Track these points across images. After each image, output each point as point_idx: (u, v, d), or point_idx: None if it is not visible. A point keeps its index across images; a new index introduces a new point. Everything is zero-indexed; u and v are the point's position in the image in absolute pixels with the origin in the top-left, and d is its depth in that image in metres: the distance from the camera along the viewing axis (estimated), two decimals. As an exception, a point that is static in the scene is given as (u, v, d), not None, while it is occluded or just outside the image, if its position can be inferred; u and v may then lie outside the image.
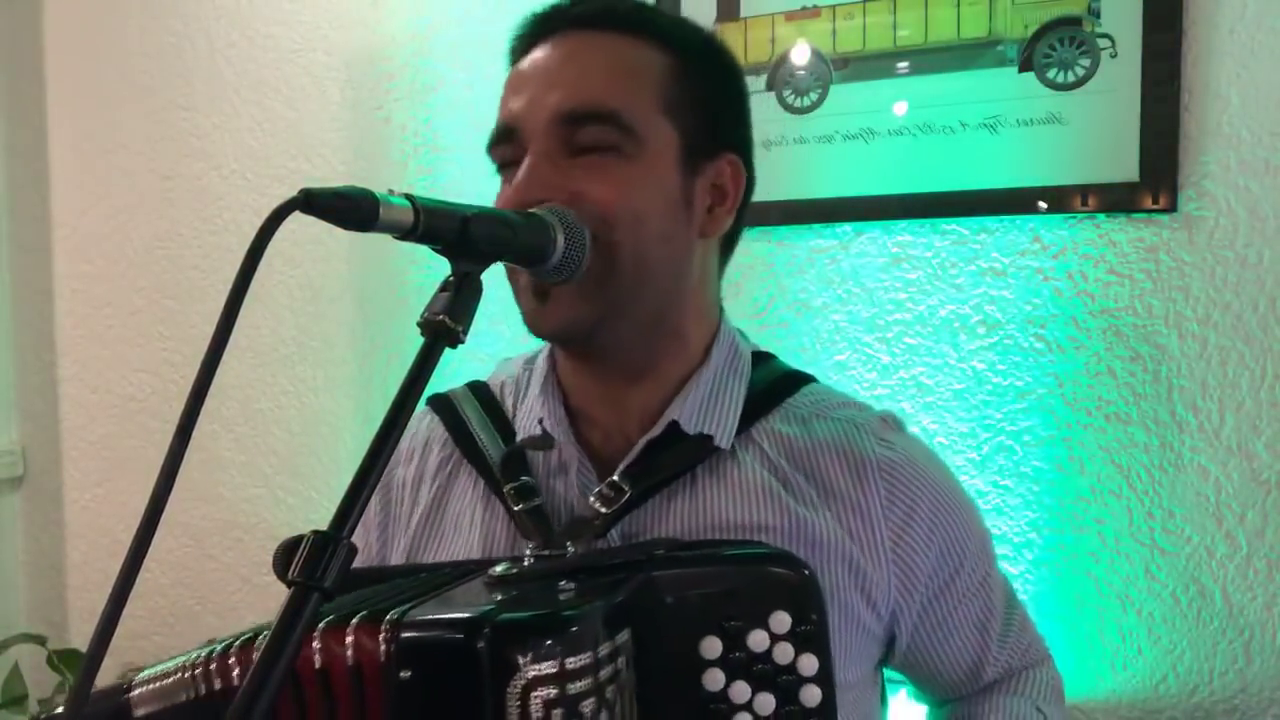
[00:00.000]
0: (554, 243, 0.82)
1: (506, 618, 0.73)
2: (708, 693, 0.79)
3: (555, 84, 0.90)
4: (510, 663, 0.70)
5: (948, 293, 1.61)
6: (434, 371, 0.69)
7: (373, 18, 2.03)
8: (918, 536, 0.94)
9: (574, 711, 0.71)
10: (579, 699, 0.71)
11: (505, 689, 0.70)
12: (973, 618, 1.01)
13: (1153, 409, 1.50)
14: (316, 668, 0.75)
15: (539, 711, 0.70)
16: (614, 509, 0.90)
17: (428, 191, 0.81)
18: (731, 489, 0.92)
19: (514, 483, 0.93)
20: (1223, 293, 1.46)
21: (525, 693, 0.70)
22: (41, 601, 2.40)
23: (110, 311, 2.31)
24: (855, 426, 0.96)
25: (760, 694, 0.80)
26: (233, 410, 2.17)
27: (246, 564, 2.19)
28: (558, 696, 0.70)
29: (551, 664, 0.70)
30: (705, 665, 0.79)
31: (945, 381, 1.61)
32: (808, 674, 0.80)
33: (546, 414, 0.96)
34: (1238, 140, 1.44)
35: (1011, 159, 1.54)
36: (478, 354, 1.91)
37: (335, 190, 0.65)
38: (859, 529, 0.93)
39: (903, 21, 1.61)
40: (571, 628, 0.73)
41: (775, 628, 0.80)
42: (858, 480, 0.94)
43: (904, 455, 0.96)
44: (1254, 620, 1.46)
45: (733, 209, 0.97)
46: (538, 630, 0.72)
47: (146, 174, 2.26)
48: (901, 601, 0.95)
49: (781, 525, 0.91)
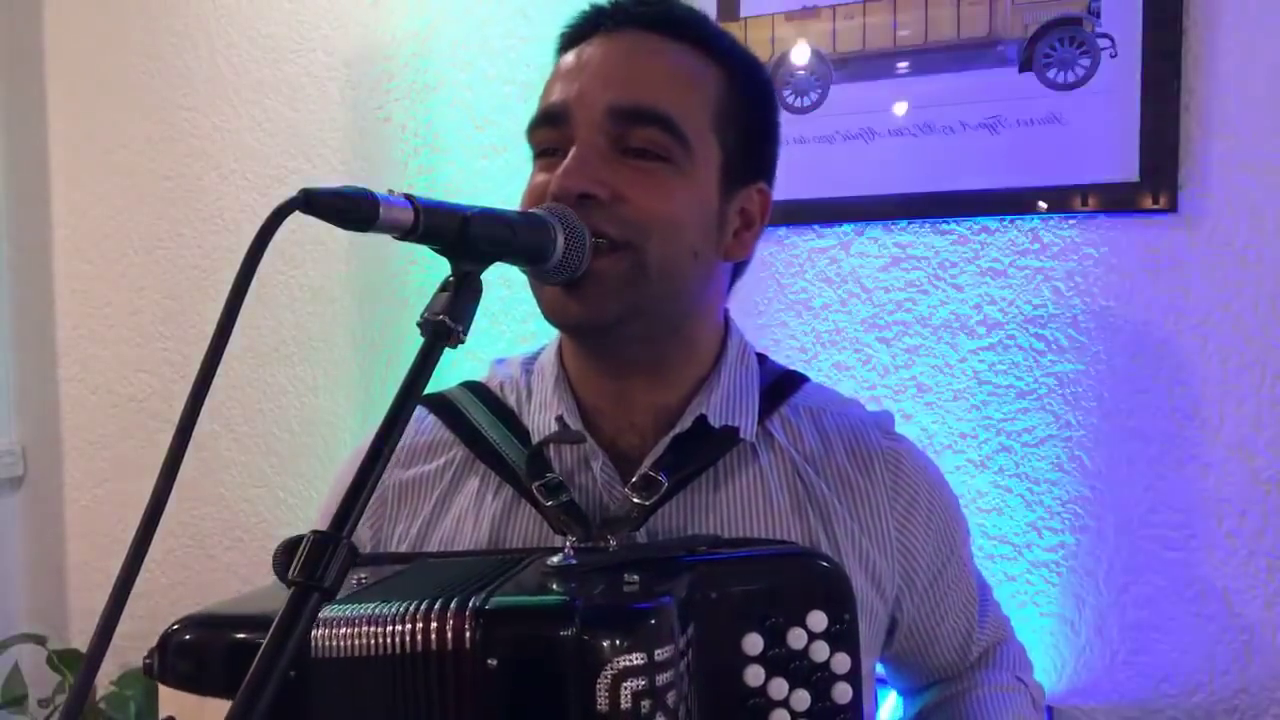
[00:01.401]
0: (554, 243, 0.82)
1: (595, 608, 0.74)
2: (747, 688, 0.81)
3: (614, 77, 0.90)
4: (601, 653, 0.71)
5: (948, 293, 1.61)
6: (434, 371, 0.69)
7: (373, 18, 2.03)
8: (918, 525, 0.99)
9: (661, 702, 0.72)
10: (665, 690, 0.72)
11: (595, 679, 0.70)
12: (961, 600, 1.06)
13: (1153, 409, 1.50)
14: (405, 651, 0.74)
15: (628, 702, 0.70)
16: (651, 501, 0.92)
17: (428, 191, 0.81)
18: (754, 482, 0.95)
19: (540, 480, 0.93)
20: (1223, 293, 1.46)
21: (615, 683, 0.70)
22: (41, 601, 2.40)
23: (110, 311, 2.31)
24: (860, 421, 1.01)
25: (797, 690, 0.82)
26: (233, 410, 2.17)
27: (246, 564, 2.19)
28: (647, 687, 0.71)
29: (641, 655, 0.71)
30: (747, 661, 0.81)
31: (945, 381, 1.61)
32: (840, 672, 0.82)
33: (565, 410, 0.96)
34: (1238, 140, 1.44)
35: (1011, 159, 1.54)
36: (478, 354, 1.92)
37: (335, 190, 0.65)
38: (867, 517, 0.97)
39: (903, 21, 1.61)
40: (655, 619, 0.74)
41: (813, 626, 0.82)
42: (865, 472, 0.98)
43: (905, 449, 1.01)
44: (1254, 620, 1.46)
45: (757, 236, 0.99)
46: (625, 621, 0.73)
47: (146, 174, 2.26)
48: (904, 587, 0.99)
49: (798, 516, 0.95)
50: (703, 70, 0.93)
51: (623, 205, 0.87)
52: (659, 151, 0.89)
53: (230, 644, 0.78)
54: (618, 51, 0.92)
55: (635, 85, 0.89)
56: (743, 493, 0.95)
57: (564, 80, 0.92)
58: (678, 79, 0.91)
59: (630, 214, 0.87)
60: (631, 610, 0.75)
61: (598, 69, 0.90)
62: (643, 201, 0.88)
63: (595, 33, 0.94)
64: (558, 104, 0.91)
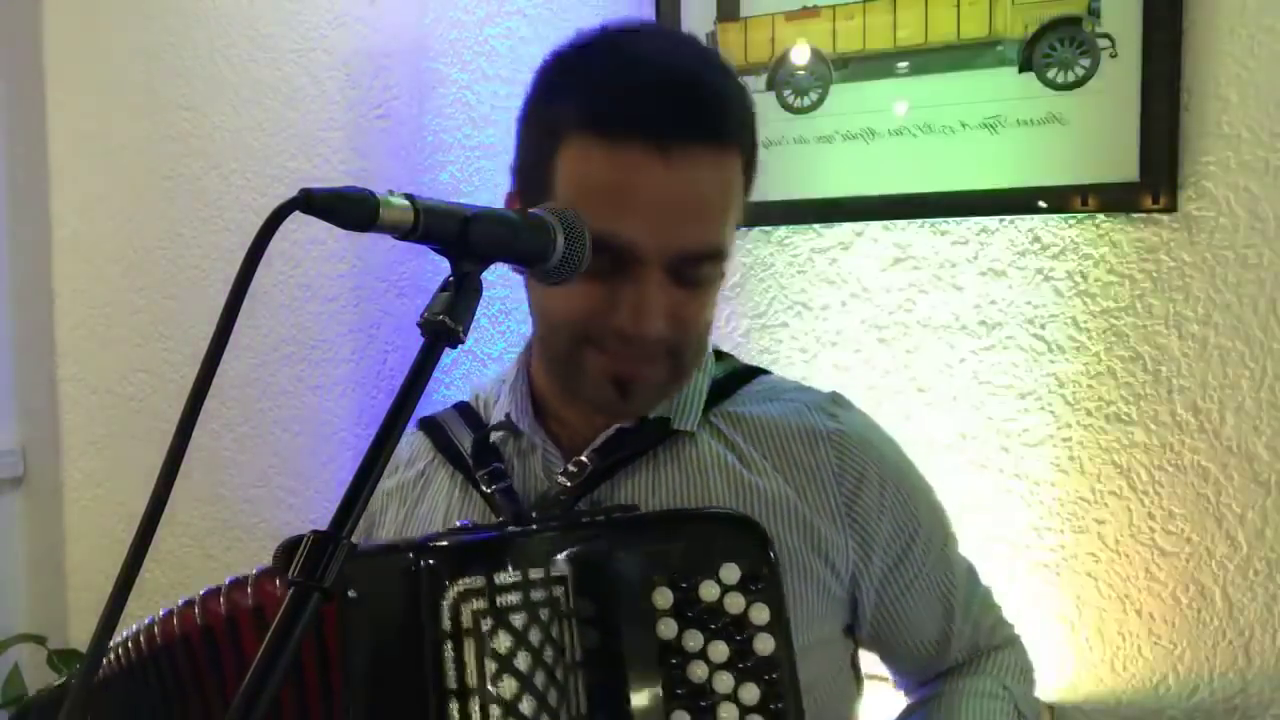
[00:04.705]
0: (554, 243, 0.81)
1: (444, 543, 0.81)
2: (663, 641, 0.84)
3: (685, 221, 0.90)
4: (441, 576, 0.77)
5: (948, 293, 1.61)
6: (434, 371, 0.69)
7: (373, 18, 2.03)
8: (869, 502, 1.00)
9: (503, 621, 0.78)
10: (509, 611, 0.78)
11: (440, 600, 0.77)
12: (935, 587, 1.06)
13: (1153, 409, 1.50)
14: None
15: (469, 621, 0.77)
16: (577, 483, 0.96)
17: (428, 191, 0.81)
18: (688, 465, 0.99)
19: (485, 469, 1.00)
20: (1223, 293, 1.46)
21: (456, 604, 0.77)
22: (41, 601, 2.40)
23: (110, 311, 2.31)
24: (805, 405, 1.03)
25: (713, 642, 0.84)
26: (233, 410, 2.17)
27: (246, 564, 2.18)
28: (486, 608, 0.77)
29: (478, 579, 0.77)
30: (658, 615, 0.84)
31: (945, 381, 1.61)
32: (759, 623, 0.85)
33: (513, 409, 1.03)
34: (1238, 140, 1.44)
35: (1011, 159, 1.54)
36: (478, 354, 1.92)
37: (335, 190, 0.65)
38: (813, 494, 0.99)
39: (903, 21, 1.61)
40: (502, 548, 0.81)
41: (725, 578, 0.85)
42: (809, 450, 1.00)
43: (851, 427, 1.03)
44: (1254, 620, 1.46)
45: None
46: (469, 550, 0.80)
47: (146, 174, 2.26)
48: (861, 565, 1.00)
49: (734, 493, 0.98)
50: (737, 173, 0.95)
51: (683, 325, 0.94)
52: (711, 278, 0.95)
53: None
54: (683, 188, 0.89)
55: (703, 227, 0.92)
56: (679, 479, 0.98)
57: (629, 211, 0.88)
58: (728, 204, 0.94)
59: (688, 330, 0.95)
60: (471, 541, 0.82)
61: (669, 209, 0.89)
62: (699, 319, 0.96)
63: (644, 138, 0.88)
64: (626, 242, 0.88)
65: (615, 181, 0.89)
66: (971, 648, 1.11)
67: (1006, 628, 1.16)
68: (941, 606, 1.07)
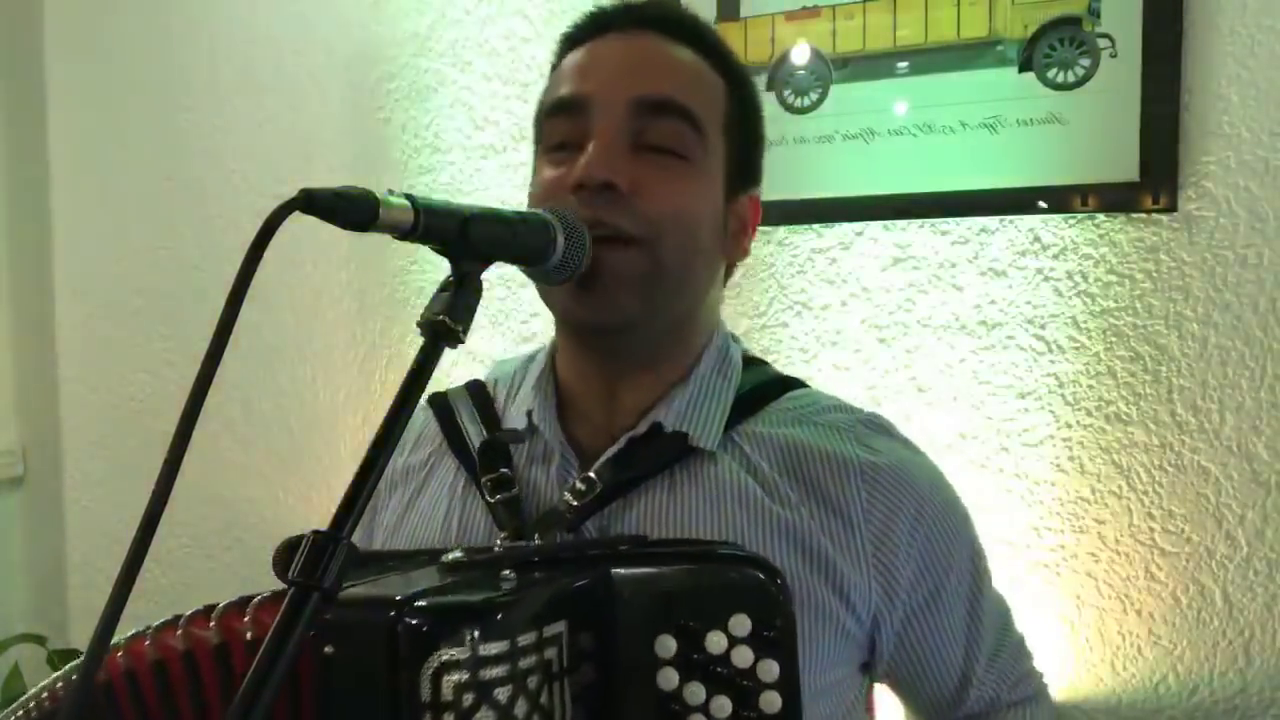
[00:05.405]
0: (554, 243, 0.81)
1: (427, 603, 0.74)
2: (662, 692, 0.79)
3: (636, 70, 0.91)
4: (425, 644, 0.71)
5: (948, 293, 1.61)
6: (434, 371, 0.69)
7: (373, 18, 2.03)
8: (899, 543, 0.93)
9: (487, 697, 0.71)
10: (492, 685, 0.72)
11: (420, 669, 0.70)
12: (959, 634, 0.99)
13: (1153, 409, 1.50)
14: (248, 639, 0.77)
15: (450, 694, 0.70)
16: (585, 502, 0.90)
17: (428, 191, 0.81)
18: (707, 489, 0.92)
19: (492, 474, 0.94)
20: (1223, 293, 1.46)
21: (438, 675, 0.71)
22: (41, 601, 2.40)
23: (110, 311, 2.31)
24: (838, 430, 0.96)
25: (716, 697, 0.79)
26: (233, 410, 2.17)
27: (246, 564, 2.19)
28: (469, 681, 0.71)
29: (464, 649, 0.71)
30: (659, 664, 0.79)
31: (945, 381, 1.61)
32: (767, 679, 0.79)
33: (536, 405, 0.97)
34: (1238, 140, 1.44)
35: (1011, 159, 1.54)
36: (478, 354, 1.92)
37: (335, 190, 0.65)
38: (837, 530, 0.92)
39: (903, 21, 1.61)
40: (491, 615, 0.73)
41: (735, 630, 0.79)
42: (839, 483, 0.93)
43: (887, 461, 0.95)
44: (1254, 620, 1.46)
45: (750, 241, 1.01)
46: (455, 615, 0.73)
47: (146, 174, 2.26)
48: (884, 608, 0.94)
49: (754, 524, 0.91)
50: (711, 75, 0.95)
51: (641, 199, 0.87)
52: (678, 148, 0.90)
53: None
54: (637, 48, 0.93)
55: (658, 78, 0.90)
56: (696, 504, 0.92)
57: (579, 74, 0.92)
58: (696, 78, 0.93)
59: (649, 209, 0.88)
60: (463, 604, 0.75)
61: (620, 62, 0.92)
62: (661, 196, 0.88)
63: (605, 33, 0.95)
64: (577, 95, 0.91)
65: (577, 62, 0.94)
66: (993, 699, 1.04)
67: (1035, 679, 1.09)
68: (965, 653, 1.00)
